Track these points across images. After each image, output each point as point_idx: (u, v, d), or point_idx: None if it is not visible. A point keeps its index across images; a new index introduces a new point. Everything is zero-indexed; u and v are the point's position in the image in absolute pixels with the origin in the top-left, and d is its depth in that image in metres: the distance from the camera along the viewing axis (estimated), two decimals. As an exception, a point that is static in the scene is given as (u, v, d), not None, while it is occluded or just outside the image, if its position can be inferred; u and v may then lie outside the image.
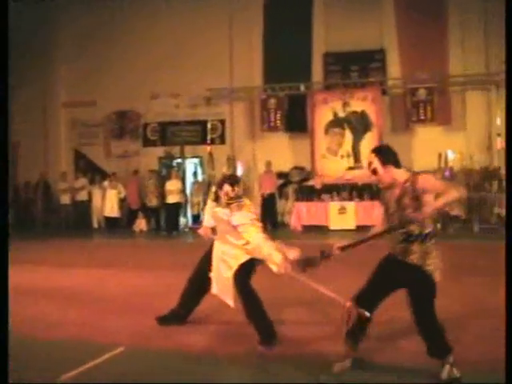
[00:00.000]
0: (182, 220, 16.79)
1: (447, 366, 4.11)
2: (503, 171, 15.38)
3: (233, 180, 5.41)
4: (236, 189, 5.27)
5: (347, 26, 16.19)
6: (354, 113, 16.24)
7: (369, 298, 4.21)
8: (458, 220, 15.74)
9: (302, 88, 16.66)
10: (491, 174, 15.88)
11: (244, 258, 5.13)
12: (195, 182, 17.09)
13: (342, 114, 16.28)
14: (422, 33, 16.08)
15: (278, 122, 16.53)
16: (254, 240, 4.97)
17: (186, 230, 16.67)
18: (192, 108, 17.32)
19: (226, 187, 5.25)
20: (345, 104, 16.29)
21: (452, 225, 15.46)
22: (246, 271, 5.18)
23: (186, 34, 17.18)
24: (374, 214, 15.61)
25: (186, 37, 17.16)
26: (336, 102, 16.33)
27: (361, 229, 15.31)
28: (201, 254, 5.69)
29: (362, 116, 16.19)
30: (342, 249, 4.32)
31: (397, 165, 4.21)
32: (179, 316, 5.76)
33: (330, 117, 16.34)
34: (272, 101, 16.61)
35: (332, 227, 15.26)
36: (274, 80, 16.64)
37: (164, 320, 5.75)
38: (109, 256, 11.71)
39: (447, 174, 16.02)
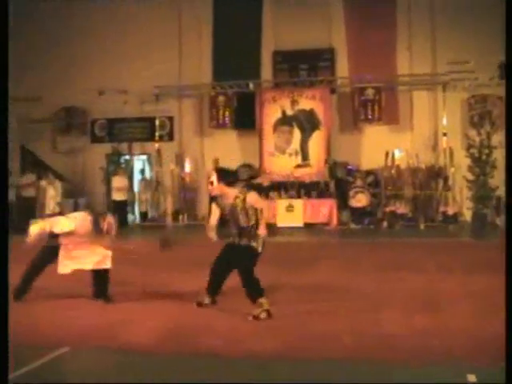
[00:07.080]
0: (130, 217, 16.58)
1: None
2: (450, 170, 15.66)
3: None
4: None
5: (296, 24, 16.22)
6: (303, 111, 16.27)
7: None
8: (404, 218, 15.92)
9: (251, 86, 16.60)
10: (437, 172, 16.09)
11: None
12: (143, 180, 16.90)
13: (290, 112, 16.29)
14: (371, 32, 16.19)
15: (227, 119, 16.43)
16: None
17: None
18: (140, 104, 17.08)
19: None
20: (293, 102, 16.30)
21: (398, 222, 15.63)
22: None
23: (134, 30, 17.00)
24: (321, 211, 15.73)
25: (134, 33, 16.99)
26: (284, 100, 16.34)
27: (308, 226, 15.39)
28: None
29: (311, 114, 16.23)
30: None
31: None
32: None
33: (279, 115, 16.35)
34: (221, 98, 16.50)
35: (279, 224, 15.20)
36: (223, 77, 16.55)
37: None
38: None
39: (393, 172, 16.23)
